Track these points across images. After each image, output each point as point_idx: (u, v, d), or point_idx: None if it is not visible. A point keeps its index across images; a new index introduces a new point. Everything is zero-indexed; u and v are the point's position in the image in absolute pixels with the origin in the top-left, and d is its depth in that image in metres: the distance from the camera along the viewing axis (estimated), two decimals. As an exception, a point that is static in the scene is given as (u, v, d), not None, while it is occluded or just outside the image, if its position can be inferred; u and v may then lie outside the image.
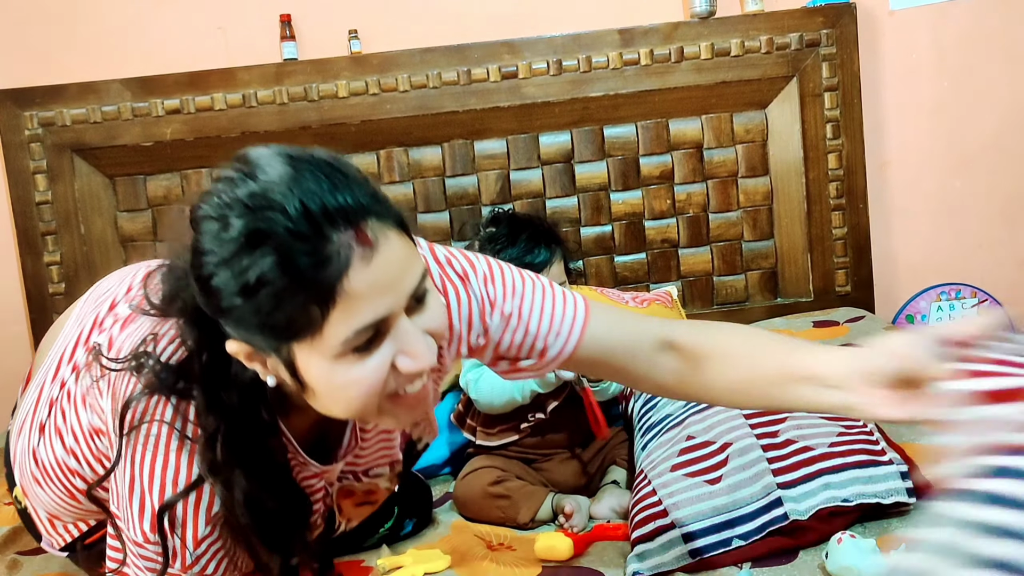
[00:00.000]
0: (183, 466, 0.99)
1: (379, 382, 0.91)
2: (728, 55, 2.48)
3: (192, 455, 0.98)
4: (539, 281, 1.17)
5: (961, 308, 2.76)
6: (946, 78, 2.68)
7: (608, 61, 2.47)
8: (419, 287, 0.93)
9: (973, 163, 2.72)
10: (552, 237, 1.67)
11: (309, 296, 0.85)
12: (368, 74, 2.44)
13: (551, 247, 1.65)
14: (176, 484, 0.99)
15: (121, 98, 2.41)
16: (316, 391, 0.93)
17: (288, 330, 0.88)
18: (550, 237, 1.67)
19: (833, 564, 1.22)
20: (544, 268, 1.63)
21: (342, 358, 0.89)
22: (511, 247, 1.64)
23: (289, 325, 0.87)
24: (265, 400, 0.99)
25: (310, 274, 0.84)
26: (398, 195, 2.51)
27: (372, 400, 0.93)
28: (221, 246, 0.87)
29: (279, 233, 0.84)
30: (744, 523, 1.34)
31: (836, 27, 2.50)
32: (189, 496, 0.99)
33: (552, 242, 1.66)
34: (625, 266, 2.58)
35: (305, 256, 0.84)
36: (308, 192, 0.85)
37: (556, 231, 1.72)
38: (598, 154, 2.54)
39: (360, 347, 0.89)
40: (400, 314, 0.91)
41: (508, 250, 1.64)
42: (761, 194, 2.58)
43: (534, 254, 1.63)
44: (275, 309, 0.86)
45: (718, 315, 2.59)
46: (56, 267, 2.46)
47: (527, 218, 1.72)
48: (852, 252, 2.60)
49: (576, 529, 1.48)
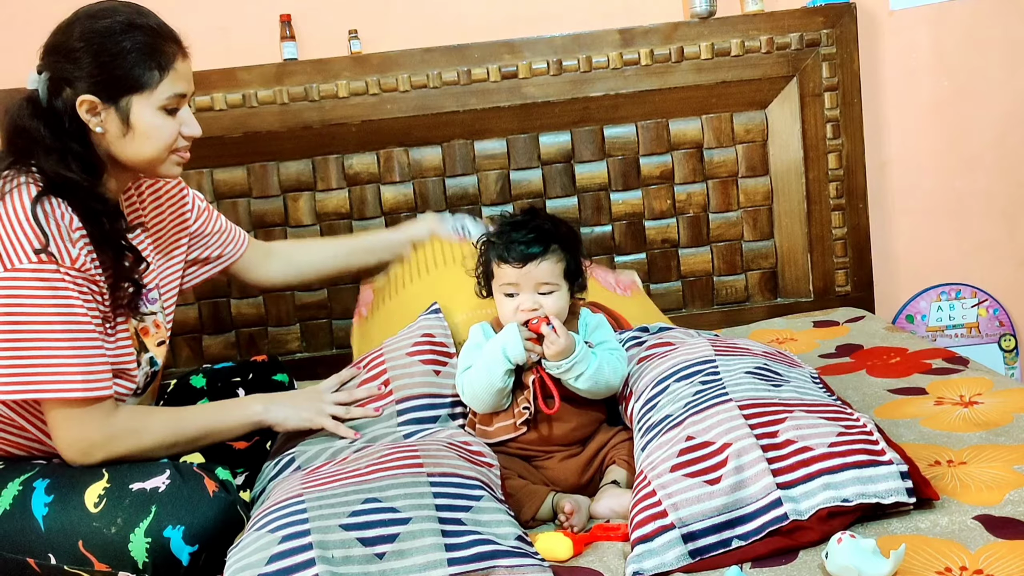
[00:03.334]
0: (35, 193, 1.47)
1: (173, 134, 1.57)
2: (728, 55, 2.48)
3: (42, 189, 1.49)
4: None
5: (961, 308, 2.77)
6: (946, 78, 2.69)
7: (608, 61, 2.47)
8: (193, 94, 1.62)
9: (973, 163, 2.72)
10: (554, 237, 1.67)
11: (155, 63, 1.53)
12: (368, 74, 2.45)
13: (548, 245, 1.65)
14: (34, 200, 1.46)
15: (121, 98, 2.41)
16: (137, 133, 1.54)
17: (136, 85, 1.52)
18: (552, 237, 1.67)
19: (833, 564, 1.22)
20: (533, 260, 1.63)
21: (160, 112, 1.54)
22: (514, 230, 1.68)
23: (137, 80, 1.52)
24: (90, 161, 1.54)
25: (159, 50, 1.53)
26: (398, 195, 2.51)
27: (165, 148, 1.57)
28: (95, 34, 1.51)
29: (144, 25, 1.54)
30: (744, 523, 1.34)
31: (836, 27, 2.50)
32: (52, 201, 1.46)
33: (553, 241, 1.66)
34: (625, 266, 2.58)
35: (158, 40, 1.54)
36: (154, 16, 1.58)
37: (568, 237, 1.71)
38: (598, 154, 2.54)
39: (170, 109, 1.56)
40: (187, 101, 1.60)
41: (509, 231, 1.68)
42: (761, 194, 2.58)
43: (527, 244, 1.64)
44: (132, 67, 1.51)
45: (718, 315, 2.59)
46: (56, 267, 2.46)
47: (546, 217, 1.73)
48: (852, 252, 2.60)
49: (576, 529, 1.48)
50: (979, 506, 1.37)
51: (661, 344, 1.79)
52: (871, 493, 1.35)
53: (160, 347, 1.70)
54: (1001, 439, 1.59)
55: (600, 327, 1.73)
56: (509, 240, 1.66)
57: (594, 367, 1.61)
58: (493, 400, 1.66)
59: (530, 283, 1.64)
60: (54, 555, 1.45)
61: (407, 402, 1.72)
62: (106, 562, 1.43)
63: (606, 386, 1.65)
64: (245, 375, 1.96)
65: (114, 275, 1.55)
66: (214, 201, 2.48)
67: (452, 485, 1.40)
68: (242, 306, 2.54)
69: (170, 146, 1.58)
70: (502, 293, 1.67)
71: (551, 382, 1.62)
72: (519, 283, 1.64)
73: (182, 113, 1.59)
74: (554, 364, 1.60)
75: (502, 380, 1.63)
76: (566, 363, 1.59)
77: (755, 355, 1.71)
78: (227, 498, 1.49)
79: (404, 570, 1.26)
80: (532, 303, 1.63)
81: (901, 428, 1.70)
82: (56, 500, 1.46)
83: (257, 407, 1.67)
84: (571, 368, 1.60)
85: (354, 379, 1.80)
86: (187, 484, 1.46)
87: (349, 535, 1.29)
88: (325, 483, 1.41)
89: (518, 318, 1.63)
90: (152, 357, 1.67)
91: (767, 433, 1.43)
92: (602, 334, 1.72)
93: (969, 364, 1.99)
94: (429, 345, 1.81)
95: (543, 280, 1.64)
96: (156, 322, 1.70)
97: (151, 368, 1.67)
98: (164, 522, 1.41)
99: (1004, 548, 1.25)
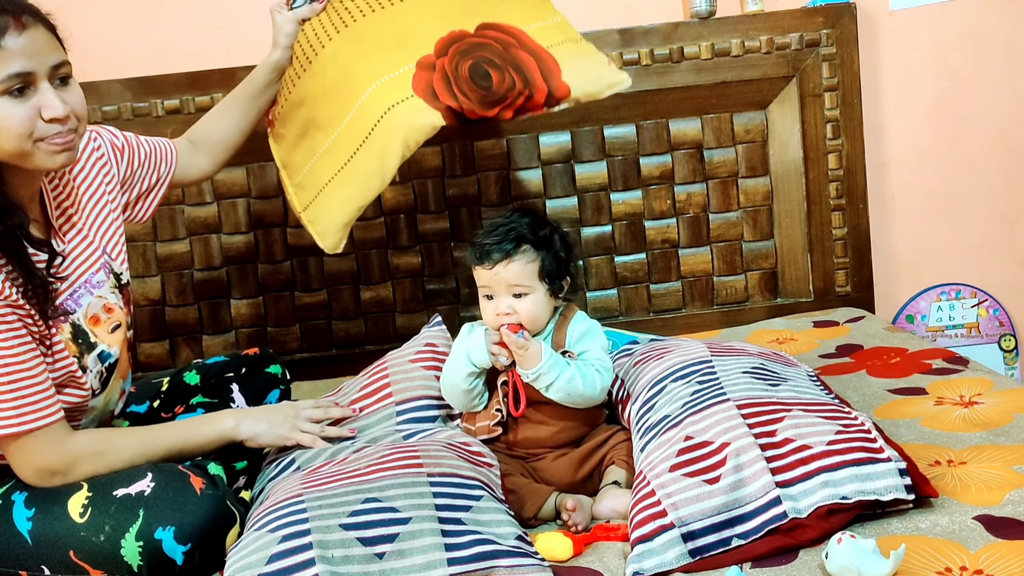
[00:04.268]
0: None
1: (29, 121, 1.37)
2: (728, 55, 2.48)
3: None
4: None
5: (961, 308, 2.76)
6: (946, 78, 2.69)
7: (608, 61, 2.47)
8: (60, 68, 1.42)
9: (973, 163, 2.72)
10: (526, 238, 1.65)
11: None
12: (368, 74, 2.44)
13: (518, 245, 1.64)
14: None
15: (121, 98, 2.41)
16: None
17: None
18: (522, 237, 1.65)
19: (833, 564, 1.22)
20: (501, 261, 1.62)
21: (3, 96, 1.35)
22: (488, 232, 1.67)
23: None
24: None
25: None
26: (397, 195, 2.51)
27: (25, 138, 1.37)
28: None
29: None
30: (743, 522, 1.34)
31: (836, 27, 2.50)
32: None
33: (524, 241, 1.65)
34: (625, 266, 2.58)
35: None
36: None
37: (545, 238, 1.66)
38: (598, 154, 2.54)
39: (14, 92, 1.36)
40: (43, 79, 1.39)
41: (484, 232, 1.68)
42: (761, 194, 2.58)
43: (496, 244, 1.63)
44: None
45: (718, 315, 2.59)
46: (56, 267, 2.46)
47: (532, 217, 1.71)
48: (852, 252, 2.60)
49: (578, 528, 1.48)
50: (979, 506, 1.37)
51: (656, 348, 1.80)
52: (870, 490, 1.35)
53: (115, 333, 1.61)
54: (1001, 439, 1.59)
55: (588, 335, 1.69)
56: (482, 242, 1.65)
57: (565, 379, 1.60)
58: (461, 399, 1.68)
59: (502, 285, 1.62)
60: (47, 567, 1.45)
61: (406, 403, 1.73)
62: (101, 569, 1.43)
63: (581, 398, 1.63)
64: (238, 370, 1.93)
65: (25, 280, 1.43)
66: (214, 201, 2.48)
67: (452, 485, 1.40)
68: (242, 306, 2.54)
69: (28, 134, 1.38)
70: (482, 295, 1.67)
71: (521, 386, 1.62)
72: (491, 285, 1.64)
73: (40, 94, 1.38)
74: (524, 371, 1.61)
75: (466, 382, 1.64)
76: (532, 373, 1.59)
77: (751, 355, 1.71)
78: (215, 494, 1.48)
79: (404, 570, 1.26)
80: (506, 307, 1.62)
81: (901, 428, 1.70)
82: (39, 512, 1.45)
83: (229, 422, 1.63)
84: (537, 378, 1.60)
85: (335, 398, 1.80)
86: (172, 484, 1.46)
87: (349, 535, 1.29)
88: (325, 483, 1.41)
89: (496, 322, 1.63)
90: (103, 351, 1.58)
91: (765, 432, 1.43)
92: (587, 343, 1.68)
93: (969, 364, 1.99)
94: (431, 353, 1.82)
95: (514, 282, 1.62)
96: (107, 306, 1.61)
97: (104, 364, 1.59)
98: (154, 524, 1.41)
99: (1004, 548, 1.25)
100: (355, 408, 1.76)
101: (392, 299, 2.55)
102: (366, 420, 1.72)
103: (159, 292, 2.51)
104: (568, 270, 1.70)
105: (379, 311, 2.55)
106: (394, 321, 2.55)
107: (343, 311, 2.54)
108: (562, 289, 1.69)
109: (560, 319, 1.70)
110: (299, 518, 1.32)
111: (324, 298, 2.55)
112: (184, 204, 2.48)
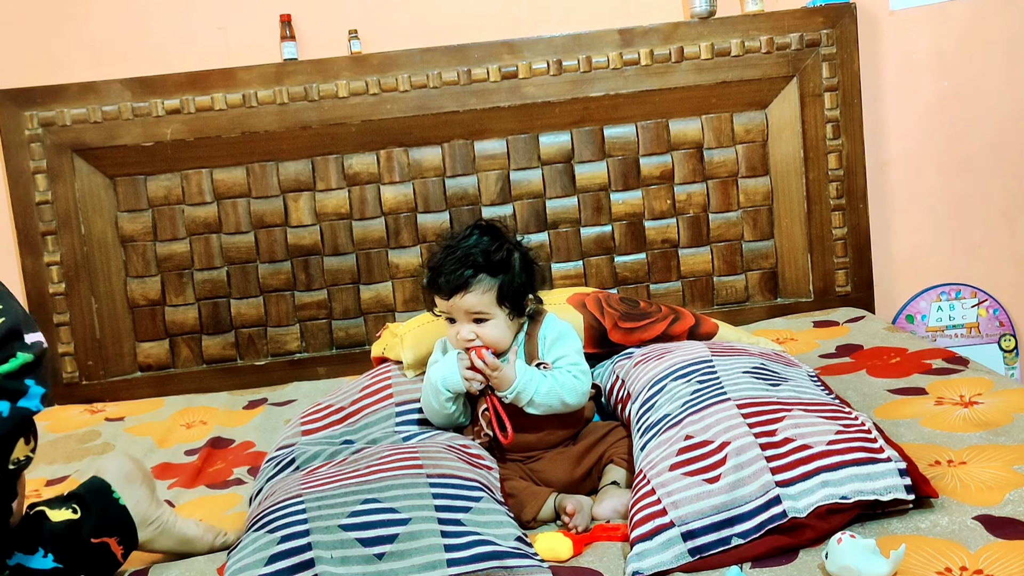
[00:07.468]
0: None
1: None
2: (728, 55, 2.48)
3: None
4: None
5: (961, 308, 2.76)
6: (946, 78, 2.69)
7: (608, 61, 2.47)
8: None
9: (973, 163, 2.72)
10: (482, 266, 1.58)
11: None
12: (368, 74, 2.45)
13: (475, 275, 1.58)
14: None
15: (121, 98, 2.41)
16: None
17: None
18: (477, 266, 1.58)
19: (833, 564, 1.22)
20: (457, 293, 1.58)
21: None
22: (444, 257, 1.61)
23: None
24: None
25: None
26: (398, 195, 2.51)
27: None
28: None
29: None
30: (743, 521, 1.34)
31: (836, 27, 2.50)
32: None
33: (480, 271, 1.58)
34: (625, 266, 2.58)
35: None
36: None
37: (501, 262, 1.59)
38: (598, 154, 2.54)
39: None
40: None
41: (441, 257, 1.62)
42: (761, 194, 2.58)
43: (451, 275, 1.58)
44: None
45: (718, 315, 2.59)
46: (56, 267, 2.47)
47: (489, 235, 1.67)
48: (852, 252, 2.60)
49: (578, 529, 1.48)
50: (979, 506, 1.37)
51: (656, 348, 1.80)
52: (869, 490, 1.35)
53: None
54: (1001, 439, 1.59)
55: (560, 340, 1.66)
56: (437, 270, 1.61)
57: (543, 391, 1.59)
58: (443, 421, 1.67)
59: (461, 313, 1.60)
60: None
61: (406, 404, 1.74)
62: None
63: (562, 405, 1.62)
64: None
65: None
66: (214, 201, 2.48)
67: (452, 486, 1.40)
68: (242, 306, 2.54)
69: None
70: (445, 318, 1.65)
71: (502, 409, 1.60)
72: (451, 312, 1.61)
73: None
74: (500, 393, 1.59)
75: (444, 407, 1.64)
76: (509, 393, 1.58)
77: (752, 355, 1.71)
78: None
79: (403, 570, 1.26)
80: (468, 333, 1.60)
81: (901, 428, 1.70)
82: None
83: None
84: (515, 397, 1.59)
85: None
86: None
87: (348, 535, 1.29)
88: (324, 483, 1.41)
89: (461, 345, 1.61)
90: None
91: (765, 432, 1.43)
92: (561, 348, 1.66)
93: (969, 364, 1.99)
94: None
95: (472, 311, 1.59)
96: None
97: None
98: None
99: (1004, 548, 1.25)
100: (355, 408, 1.76)
101: (392, 299, 2.55)
102: (366, 420, 1.73)
103: (159, 292, 2.51)
104: (530, 290, 1.65)
105: (379, 311, 2.55)
106: (394, 321, 2.55)
107: (343, 311, 2.55)
108: (524, 308, 1.65)
109: (531, 326, 1.68)
110: (299, 519, 1.32)
111: (324, 298, 2.55)
112: (184, 204, 2.48)
